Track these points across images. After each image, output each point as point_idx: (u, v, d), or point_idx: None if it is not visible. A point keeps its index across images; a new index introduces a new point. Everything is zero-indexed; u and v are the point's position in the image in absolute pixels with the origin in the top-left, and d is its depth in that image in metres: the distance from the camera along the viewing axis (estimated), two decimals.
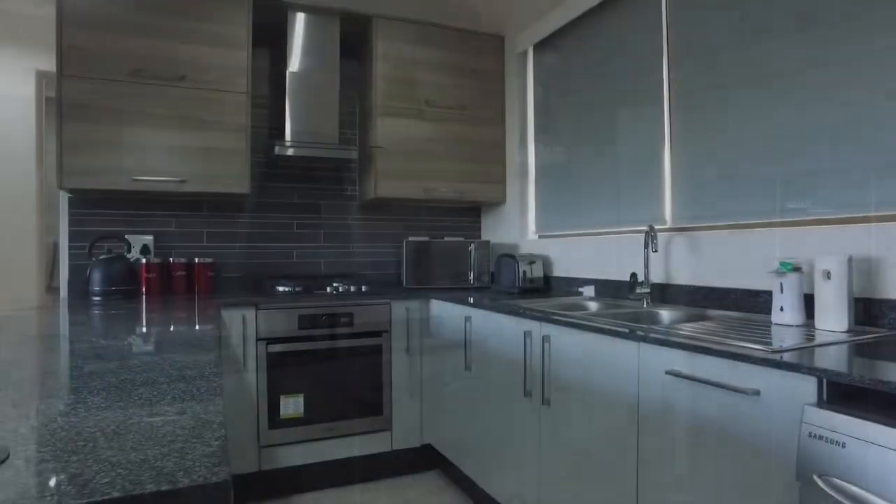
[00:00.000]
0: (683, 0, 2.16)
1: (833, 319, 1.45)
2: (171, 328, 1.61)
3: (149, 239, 2.79)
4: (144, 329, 1.60)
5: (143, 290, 2.65)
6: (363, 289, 2.81)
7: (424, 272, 3.09)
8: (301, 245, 3.17)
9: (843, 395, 1.07)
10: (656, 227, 2.20)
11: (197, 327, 1.63)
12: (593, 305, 2.31)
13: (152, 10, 2.52)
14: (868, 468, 0.94)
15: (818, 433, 1.02)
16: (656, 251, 2.09)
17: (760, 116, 1.86)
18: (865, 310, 1.53)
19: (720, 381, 1.26)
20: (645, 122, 2.35)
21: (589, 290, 2.60)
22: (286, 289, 2.69)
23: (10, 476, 0.56)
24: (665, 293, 2.17)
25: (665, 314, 2.00)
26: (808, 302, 1.61)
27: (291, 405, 2.51)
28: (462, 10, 3.59)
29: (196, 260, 2.79)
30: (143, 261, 2.67)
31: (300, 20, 2.86)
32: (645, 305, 2.11)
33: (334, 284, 2.82)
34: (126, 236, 2.73)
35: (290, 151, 2.77)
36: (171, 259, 2.77)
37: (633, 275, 2.16)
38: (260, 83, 3.08)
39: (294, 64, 2.85)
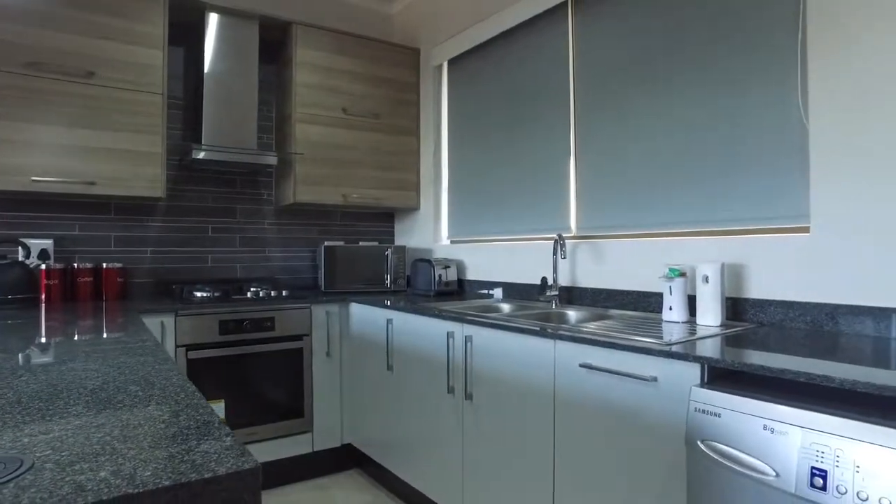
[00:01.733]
0: (586, 25, 2.43)
1: (710, 316, 1.75)
2: (103, 336, 1.58)
3: (48, 243, 2.62)
4: (73, 338, 1.56)
5: (44, 297, 2.49)
6: (283, 293, 2.82)
7: (341, 276, 3.15)
8: (216, 249, 3.11)
9: (720, 376, 1.33)
10: (564, 235, 2.45)
11: (126, 334, 1.61)
12: (507, 307, 2.52)
13: (56, 2, 2.38)
14: (736, 431, 1.19)
15: (701, 408, 1.27)
16: (565, 258, 2.33)
17: (651, 136, 2.16)
18: (734, 307, 1.85)
19: (625, 370, 1.49)
20: (552, 138, 2.60)
21: (497, 293, 2.81)
22: (204, 294, 2.65)
23: (51, 476, 0.60)
24: (572, 295, 2.42)
25: (573, 314, 2.25)
26: (691, 302, 1.91)
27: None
28: (380, 23, 3.69)
29: (104, 265, 2.65)
30: (43, 266, 2.50)
31: (219, 22, 2.82)
32: (554, 306, 2.35)
33: (252, 289, 2.81)
34: (22, 240, 2.55)
35: (207, 155, 2.73)
36: (74, 264, 2.61)
37: (544, 278, 2.40)
38: (175, 84, 2.98)
39: (211, 66, 2.81)
